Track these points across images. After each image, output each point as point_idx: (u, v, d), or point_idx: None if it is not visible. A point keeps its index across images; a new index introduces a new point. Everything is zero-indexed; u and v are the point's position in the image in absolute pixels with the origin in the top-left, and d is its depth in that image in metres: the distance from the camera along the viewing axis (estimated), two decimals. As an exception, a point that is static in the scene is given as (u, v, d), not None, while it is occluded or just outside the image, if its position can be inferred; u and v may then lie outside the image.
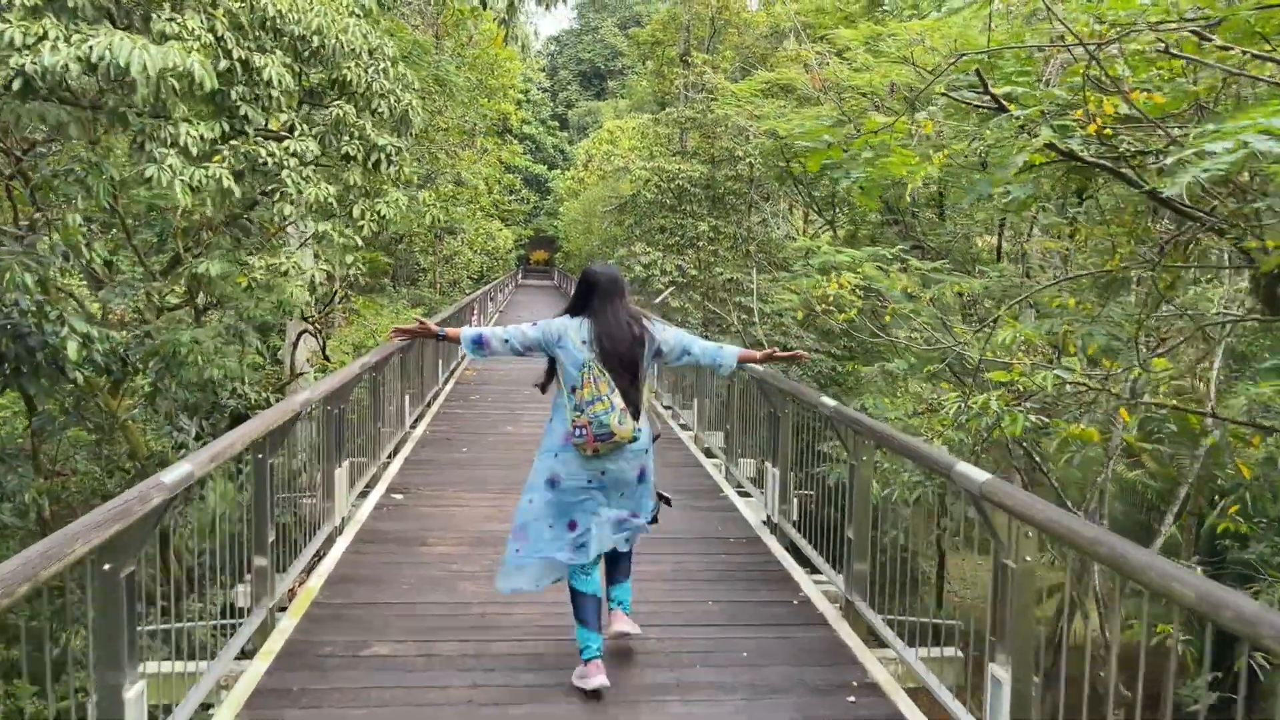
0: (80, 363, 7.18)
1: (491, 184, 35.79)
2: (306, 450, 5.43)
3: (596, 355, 3.59)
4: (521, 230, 52.63)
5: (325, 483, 5.39)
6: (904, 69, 12.71)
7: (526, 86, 48.01)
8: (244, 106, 5.80)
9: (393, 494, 6.54)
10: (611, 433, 3.49)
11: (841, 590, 4.46)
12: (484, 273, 38.47)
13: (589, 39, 65.29)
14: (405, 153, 6.52)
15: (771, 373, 5.65)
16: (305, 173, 5.81)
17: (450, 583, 4.78)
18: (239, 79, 5.73)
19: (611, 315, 3.65)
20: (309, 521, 5.23)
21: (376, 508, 6.15)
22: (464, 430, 9.11)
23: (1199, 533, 13.49)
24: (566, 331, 3.65)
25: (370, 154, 6.30)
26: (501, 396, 11.58)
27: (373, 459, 6.90)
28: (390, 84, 6.46)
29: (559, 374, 3.69)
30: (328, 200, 5.89)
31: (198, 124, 5.33)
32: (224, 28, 5.47)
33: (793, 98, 18.27)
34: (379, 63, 6.44)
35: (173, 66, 4.65)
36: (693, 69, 23.81)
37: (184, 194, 5.11)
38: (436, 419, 9.73)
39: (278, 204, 5.86)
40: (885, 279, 7.09)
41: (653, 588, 4.71)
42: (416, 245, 31.76)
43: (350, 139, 6.34)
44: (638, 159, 24.76)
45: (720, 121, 21.68)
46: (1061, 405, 7.10)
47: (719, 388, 8.51)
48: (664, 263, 21.78)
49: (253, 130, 5.80)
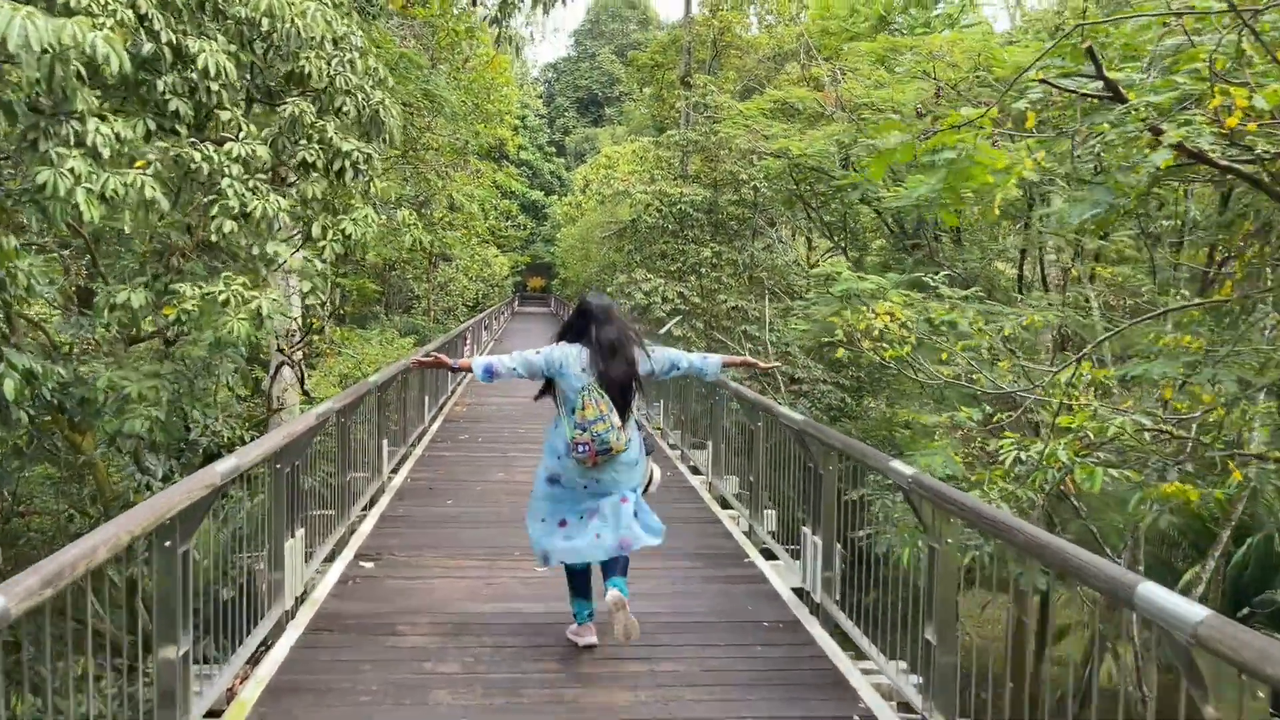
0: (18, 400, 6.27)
1: (487, 209, 35.07)
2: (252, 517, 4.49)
3: (595, 379, 4.00)
4: (518, 257, 51.87)
5: (273, 557, 4.44)
6: (924, 84, 11.98)
7: (523, 112, 47.52)
8: (175, 101, 4.87)
9: (362, 561, 5.56)
10: (610, 447, 3.92)
11: (919, 705, 3.50)
12: (479, 300, 37.61)
13: (586, 66, 65.07)
14: (377, 161, 5.60)
15: (815, 423, 4.72)
16: (252, 183, 4.88)
17: (421, 690, 3.81)
18: (168, 67, 4.81)
19: (606, 342, 4.03)
20: (263, 595, 4.28)
21: (341, 580, 5.17)
22: (450, 478, 8.14)
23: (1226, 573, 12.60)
24: (567, 359, 4.05)
25: (334, 161, 5.35)
26: (493, 435, 10.61)
27: (341, 517, 5.94)
28: (358, 79, 5.51)
29: (557, 394, 4.10)
30: (278, 215, 4.95)
31: (114, 120, 4.42)
32: (149, 4, 4.55)
33: (800, 119, 17.54)
34: (345, 53, 5.48)
35: (69, 43, 3.75)
36: (695, 90, 23.10)
37: (90, 206, 4.18)
38: (420, 463, 8.77)
39: (215, 220, 4.91)
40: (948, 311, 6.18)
41: (677, 695, 3.76)
42: (410, 272, 30.95)
43: (309, 143, 5.39)
44: (638, 182, 23.99)
45: (724, 144, 20.93)
46: (1130, 455, 6.17)
47: (731, 424, 7.59)
48: (665, 290, 20.89)
49: (186, 130, 4.89)
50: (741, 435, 7.27)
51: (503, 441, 10.13)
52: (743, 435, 7.23)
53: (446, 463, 8.79)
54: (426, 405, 10.71)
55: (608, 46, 63.48)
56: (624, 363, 4.05)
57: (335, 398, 5.19)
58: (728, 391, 7.18)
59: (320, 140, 5.29)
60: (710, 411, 8.10)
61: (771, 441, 6.25)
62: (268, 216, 4.91)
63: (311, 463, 5.45)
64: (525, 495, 7.02)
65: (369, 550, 5.78)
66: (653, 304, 20.65)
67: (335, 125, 5.41)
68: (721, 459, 7.83)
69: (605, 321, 4.09)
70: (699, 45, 28.70)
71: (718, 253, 21.32)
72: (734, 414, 7.55)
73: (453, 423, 11.54)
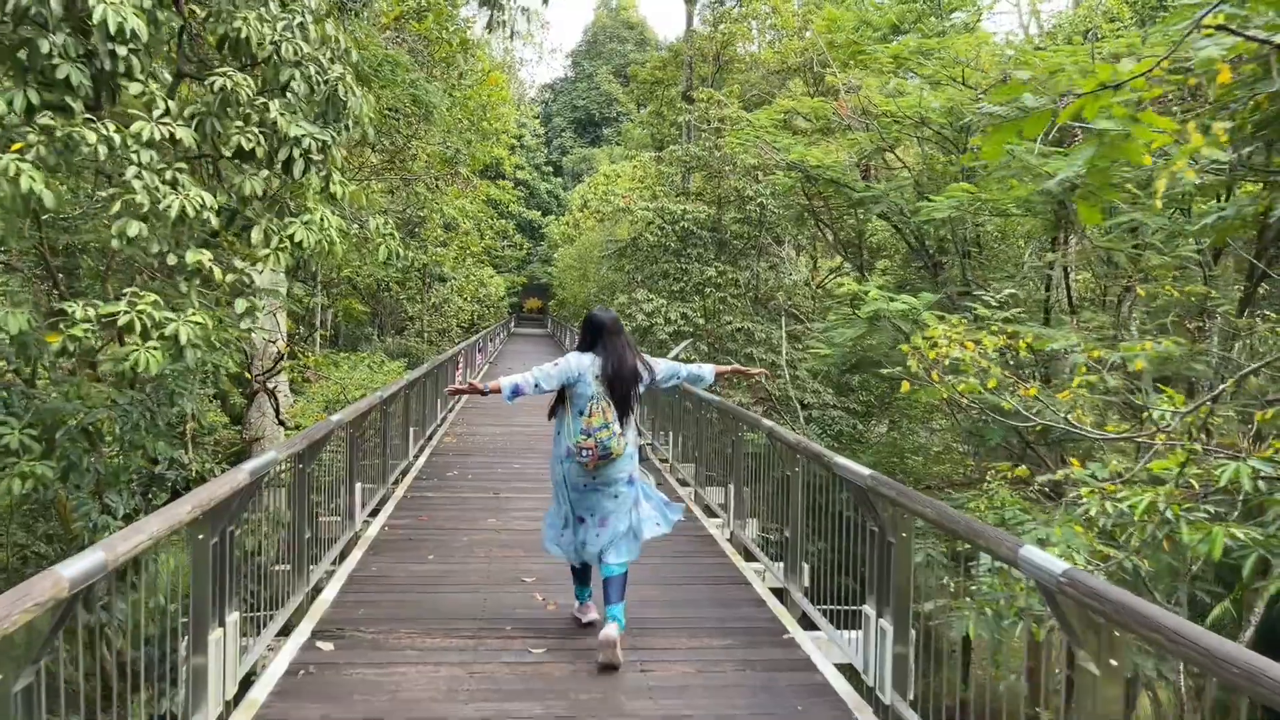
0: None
1: (483, 228, 34.18)
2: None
3: (604, 389, 4.35)
4: (515, 277, 51.00)
5: (194, 648, 3.45)
6: (954, 91, 11.12)
7: (520, 132, 46.83)
8: (65, 67, 3.87)
9: (320, 641, 4.56)
10: (610, 451, 4.29)
11: None
12: (475, 321, 36.65)
13: (583, 86, 64.61)
14: (337, 152, 4.60)
15: (889, 481, 3.75)
16: (170, 174, 3.90)
17: None
18: (55, 23, 3.83)
19: (616, 354, 4.40)
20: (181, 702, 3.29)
21: (290, 671, 4.17)
22: (433, 525, 7.13)
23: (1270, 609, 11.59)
24: (582, 368, 4.37)
25: (278, 149, 4.35)
26: (485, 472, 9.61)
27: (298, 583, 4.94)
28: (310, 48, 4.51)
29: (567, 400, 4.41)
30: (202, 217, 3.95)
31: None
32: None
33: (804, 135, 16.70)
34: (294, 16, 4.51)
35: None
36: (698, 104, 22.31)
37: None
38: (402, 506, 7.76)
39: (117, 222, 3.89)
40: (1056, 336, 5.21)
41: None
42: (404, 293, 29.99)
43: (246, 125, 4.40)
44: (639, 199, 23.13)
45: (728, 159, 20.09)
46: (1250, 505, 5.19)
47: (754, 460, 6.62)
48: (668, 310, 19.97)
49: (81, 105, 3.91)
50: (769, 476, 6.30)
51: (495, 479, 9.12)
52: (770, 475, 6.26)
53: (431, 506, 7.78)
54: (412, 438, 9.72)
55: (605, 67, 63.07)
56: (630, 372, 4.43)
57: (285, 442, 4.22)
58: (761, 431, 6.21)
59: (261, 122, 4.29)
60: (732, 445, 7.12)
61: (804, 481, 5.28)
62: (188, 217, 3.92)
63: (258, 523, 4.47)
64: (518, 547, 6.06)
65: (330, 625, 4.77)
66: (655, 325, 19.70)
67: (281, 104, 4.42)
68: (745, 502, 6.84)
69: (615, 333, 4.47)
70: (700, 61, 27.99)
71: (722, 272, 20.42)
72: (757, 450, 6.60)
73: (441, 456, 10.53)
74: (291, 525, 4.88)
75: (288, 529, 4.89)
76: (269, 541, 4.74)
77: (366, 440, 7.72)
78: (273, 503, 4.80)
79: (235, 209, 4.34)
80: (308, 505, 4.92)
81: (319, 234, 4.40)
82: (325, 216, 4.44)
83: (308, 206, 4.45)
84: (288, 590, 4.82)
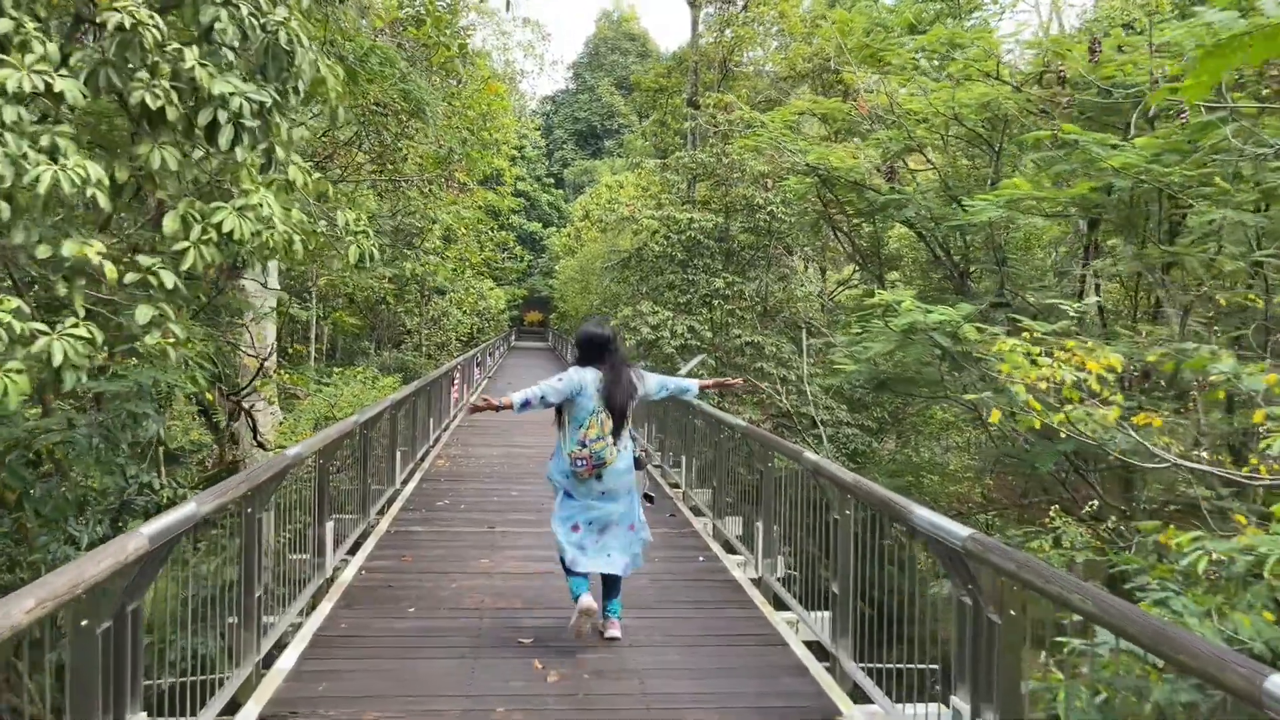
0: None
1: (483, 241, 33.38)
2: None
3: (602, 403, 4.59)
4: (515, 290, 50.22)
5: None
6: (987, 86, 10.31)
7: (521, 143, 46.15)
8: None
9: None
10: (604, 461, 4.56)
11: None
12: (474, 335, 35.81)
13: (585, 98, 64.06)
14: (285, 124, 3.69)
15: (1010, 551, 2.88)
16: (47, 138, 3.05)
17: None
18: None
19: (614, 369, 4.65)
20: None
21: (222, 775, 3.30)
22: (419, 566, 6.25)
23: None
24: (585, 383, 4.59)
25: (199, 110, 3.48)
26: (479, 501, 8.72)
27: (246, 652, 4.07)
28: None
29: (568, 412, 4.63)
30: (84, 190, 3.06)
31: None
32: None
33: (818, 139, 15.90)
34: None
35: None
36: (704, 109, 21.53)
37: None
38: (385, 543, 6.88)
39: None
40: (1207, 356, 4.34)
41: None
42: (402, 306, 29.15)
43: (153, 77, 3.39)
44: (644, 207, 22.32)
45: (736, 166, 19.28)
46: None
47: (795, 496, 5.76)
48: (674, 323, 19.11)
49: None
50: (801, 503, 5.44)
51: (490, 510, 8.24)
52: (792, 499, 5.39)
53: (416, 543, 6.90)
54: (400, 462, 8.85)
55: (607, 79, 62.58)
56: (628, 387, 4.62)
57: (215, 488, 3.34)
58: (804, 466, 5.35)
59: (176, 76, 3.40)
60: (761, 476, 6.24)
61: (854, 526, 4.42)
62: (62, 193, 3.04)
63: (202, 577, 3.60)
64: (515, 597, 5.36)
65: (283, 708, 3.89)
66: (661, 339, 18.82)
67: (202, 53, 3.51)
68: (776, 541, 5.96)
69: (614, 349, 4.68)
70: (706, 68, 27.27)
71: (730, 283, 19.57)
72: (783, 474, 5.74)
73: (432, 482, 9.65)
74: (238, 583, 4.01)
75: (234, 588, 4.03)
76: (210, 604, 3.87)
77: (345, 469, 6.86)
78: (212, 557, 3.94)
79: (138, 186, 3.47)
80: (257, 560, 4.05)
81: (256, 224, 3.52)
82: (267, 203, 3.56)
83: (245, 189, 3.58)
84: (234, 661, 3.95)
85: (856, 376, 9.37)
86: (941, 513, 3.37)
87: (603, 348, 4.64)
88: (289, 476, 4.63)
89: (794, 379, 18.40)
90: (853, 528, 4.44)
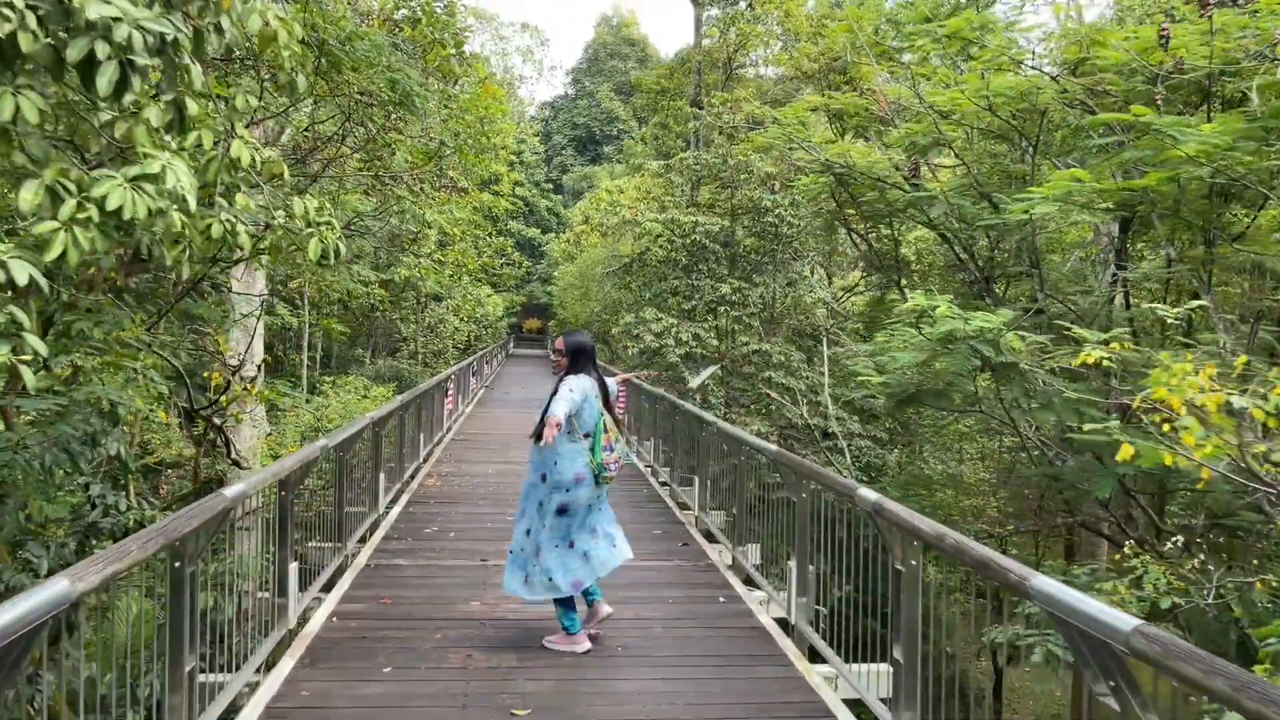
0: None
1: (480, 245, 32.59)
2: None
3: (602, 407, 4.78)
4: (513, 297, 49.44)
5: None
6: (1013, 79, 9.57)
7: (520, 148, 45.43)
8: None
9: None
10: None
11: None
12: (471, 342, 35.00)
13: (584, 104, 63.44)
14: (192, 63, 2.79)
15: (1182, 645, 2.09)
16: None
17: None
18: None
19: (598, 374, 4.86)
20: None
21: None
22: (399, 609, 5.43)
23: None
24: (587, 390, 4.70)
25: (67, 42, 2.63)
26: (469, 528, 7.91)
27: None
28: None
29: (575, 421, 4.65)
30: None
31: None
32: None
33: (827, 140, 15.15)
34: None
35: None
36: (709, 109, 20.79)
37: None
38: (362, 580, 6.07)
39: None
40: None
41: None
42: (397, 312, 28.35)
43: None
44: (647, 210, 21.56)
45: (743, 168, 18.53)
46: None
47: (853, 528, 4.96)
48: (678, 331, 18.31)
49: None
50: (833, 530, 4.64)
51: (483, 538, 7.43)
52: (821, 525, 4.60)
53: (398, 581, 6.09)
54: (383, 483, 8.04)
55: (606, 84, 61.97)
56: (607, 390, 4.89)
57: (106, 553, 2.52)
58: (863, 509, 4.58)
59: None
60: (788, 503, 5.45)
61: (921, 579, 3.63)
62: None
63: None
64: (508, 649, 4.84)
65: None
66: (665, 346, 18.02)
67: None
68: (811, 582, 5.16)
69: (594, 356, 4.91)
70: (710, 68, 26.58)
71: (736, 289, 18.79)
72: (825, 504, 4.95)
73: (420, 504, 8.83)
74: (165, 655, 3.21)
75: (160, 663, 3.23)
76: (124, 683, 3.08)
77: (315, 498, 6.07)
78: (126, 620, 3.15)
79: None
80: (187, 624, 3.24)
81: (159, 201, 2.69)
82: (174, 172, 2.73)
83: (143, 153, 2.75)
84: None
85: (884, 388, 8.57)
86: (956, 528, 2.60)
87: (591, 357, 4.84)
88: (231, 520, 3.83)
89: (803, 389, 17.63)
90: (919, 578, 3.65)
